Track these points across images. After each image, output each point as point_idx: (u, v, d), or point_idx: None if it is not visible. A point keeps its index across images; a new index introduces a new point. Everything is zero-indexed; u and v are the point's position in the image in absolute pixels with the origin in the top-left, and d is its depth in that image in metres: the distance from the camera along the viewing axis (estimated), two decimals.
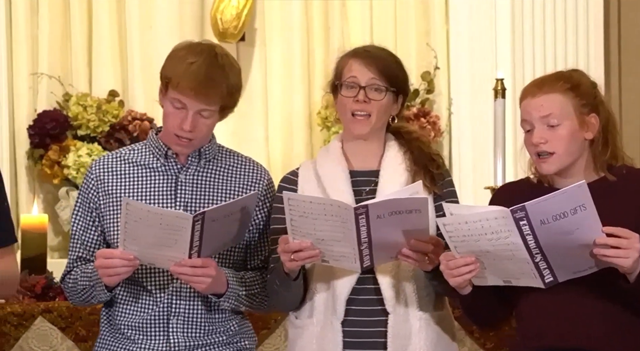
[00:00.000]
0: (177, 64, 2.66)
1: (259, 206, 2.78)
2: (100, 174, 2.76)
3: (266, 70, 5.01)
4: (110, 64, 4.86)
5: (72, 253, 2.79)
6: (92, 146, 4.70)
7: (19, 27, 4.77)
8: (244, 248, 2.78)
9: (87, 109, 4.73)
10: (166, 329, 2.72)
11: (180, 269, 2.58)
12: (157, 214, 2.54)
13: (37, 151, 4.71)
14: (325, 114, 4.91)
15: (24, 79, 4.78)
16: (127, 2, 4.86)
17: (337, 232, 2.53)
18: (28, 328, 3.84)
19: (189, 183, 2.75)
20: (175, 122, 2.68)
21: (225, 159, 2.80)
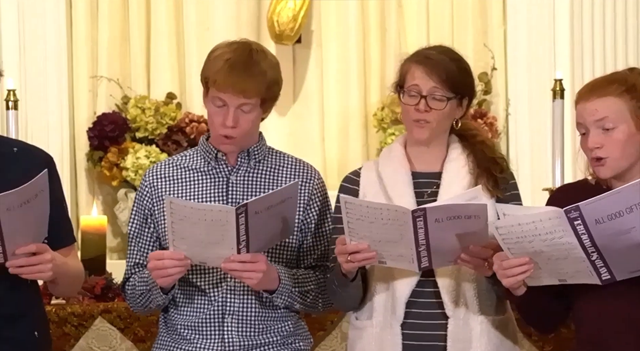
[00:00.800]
0: (214, 63, 2.71)
1: (310, 205, 2.80)
2: (153, 180, 2.81)
3: (322, 71, 5.02)
4: (168, 66, 4.91)
5: (129, 260, 2.84)
6: (150, 148, 4.75)
7: (79, 31, 4.83)
8: (296, 248, 2.80)
9: (145, 111, 4.78)
10: (221, 328, 2.75)
11: (230, 265, 2.60)
12: (200, 210, 2.56)
13: (96, 153, 4.77)
14: (382, 116, 4.92)
15: (84, 82, 4.84)
16: (184, 5, 4.90)
17: (394, 234, 2.54)
18: (88, 329, 3.89)
19: (240, 183, 2.78)
20: (219, 121, 2.72)
21: (275, 160, 2.83)
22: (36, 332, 2.77)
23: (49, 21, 4.68)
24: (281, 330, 2.79)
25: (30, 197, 2.58)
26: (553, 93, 4.29)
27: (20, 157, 2.72)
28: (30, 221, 2.60)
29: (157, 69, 4.90)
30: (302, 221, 2.79)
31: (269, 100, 2.75)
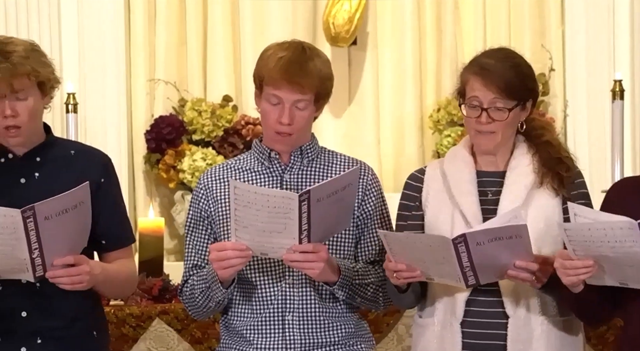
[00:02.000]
0: (267, 61, 2.74)
1: (365, 200, 2.82)
2: (208, 183, 2.84)
3: (378, 73, 5.04)
4: (224, 69, 4.95)
5: (187, 262, 2.87)
6: (206, 151, 4.79)
7: (137, 35, 4.89)
8: (353, 243, 2.82)
9: (201, 114, 4.82)
10: (282, 326, 2.77)
11: (292, 256, 2.62)
12: (265, 195, 2.58)
13: (153, 156, 4.82)
14: (437, 117, 4.92)
15: (142, 85, 4.89)
16: (241, 9, 4.94)
17: (439, 257, 2.58)
18: (146, 330, 3.94)
19: (294, 181, 2.81)
20: (274, 118, 2.75)
21: (328, 158, 2.86)
22: (95, 332, 2.83)
23: (107, 26, 4.74)
24: (342, 330, 2.80)
25: (68, 207, 2.62)
26: (612, 94, 4.26)
27: (77, 160, 2.79)
28: (68, 232, 2.65)
29: (213, 72, 4.94)
30: (358, 217, 2.81)
31: (323, 97, 2.78)
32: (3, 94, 2.71)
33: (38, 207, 2.56)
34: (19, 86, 2.71)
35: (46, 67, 2.76)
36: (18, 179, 2.77)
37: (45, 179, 2.74)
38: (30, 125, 2.76)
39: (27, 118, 2.74)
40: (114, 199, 2.85)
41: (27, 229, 2.56)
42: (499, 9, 4.97)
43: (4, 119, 2.73)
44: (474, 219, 2.70)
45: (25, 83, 2.72)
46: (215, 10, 4.92)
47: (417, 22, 5.00)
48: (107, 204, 2.81)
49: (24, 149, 2.80)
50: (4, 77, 2.67)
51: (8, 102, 2.72)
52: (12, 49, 2.70)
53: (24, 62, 2.69)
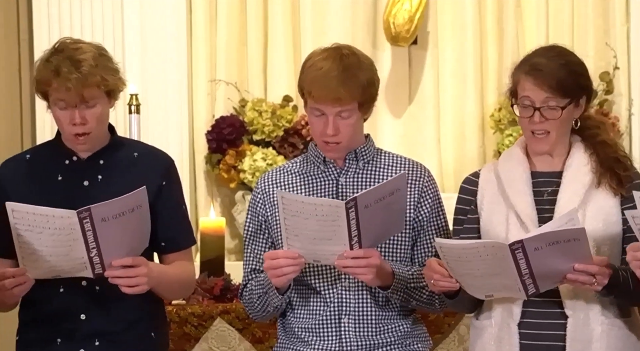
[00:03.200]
0: (307, 74, 2.77)
1: (421, 202, 2.83)
2: (265, 187, 2.88)
3: (438, 73, 5.02)
4: (284, 69, 4.96)
5: (246, 267, 2.91)
6: (266, 151, 4.81)
7: (198, 36, 4.91)
8: (409, 246, 2.84)
9: (262, 114, 4.83)
10: (338, 329, 2.80)
11: (344, 262, 2.65)
12: (312, 204, 2.61)
13: (214, 156, 4.84)
14: (499, 117, 4.90)
15: (203, 85, 4.91)
16: (301, 9, 4.95)
17: (496, 268, 2.57)
18: (208, 329, 3.99)
19: (350, 185, 2.83)
20: (319, 130, 2.77)
21: (384, 160, 2.87)
22: (153, 333, 2.87)
23: (169, 27, 4.76)
24: (398, 330, 2.82)
25: (125, 210, 2.65)
26: None
27: (140, 162, 2.83)
28: (127, 234, 2.68)
29: (273, 72, 4.95)
30: (414, 219, 2.83)
31: (367, 102, 2.79)
32: (73, 103, 2.76)
33: (94, 209, 2.60)
34: (89, 95, 2.76)
35: (114, 73, 2.80)
36: (82, 181, 2.83)
37: (108, 181, 2.78)
38: (98, 131, 2.81)
39: (95, 125, 2.79)
40: (175, 202, 2.89)
41: (84, 230, 2.60)
42: (561, 7, 4.93)
43: (72, 127, 2.78)
44: (529, 220, 2.70)
45: (94, 93, 2.76)
46: (275, 10, 4.94)
47: (478, 20, 4.97)
48: (168, 206, 2.85)
49: (88, 152, 2.85)
50: (75, 88, 2.72)
51: (78, 111, 2.76)
52: (81, 57, 2.73)
53: (94, 72, 2.73)
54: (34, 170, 2.84)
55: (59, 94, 2.75)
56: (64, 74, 2.71)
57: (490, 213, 2.75)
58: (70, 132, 2.79)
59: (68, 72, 2.70)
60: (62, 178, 2.83)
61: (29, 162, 2.88)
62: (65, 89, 2.72)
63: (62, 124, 2.80)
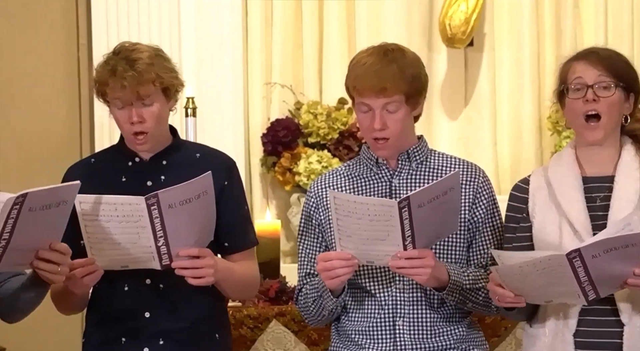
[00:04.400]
0: (353, 71, 2.80)
1: (476, 203, 2.83)
2: (318, 190, 2.89)
3: (495, 75, 5.02)
4: (339, 72, 4.96)
5: (301, 271, 2.93)
6: (321, 153, 4.83)
7: (254, 39, 4.95)
8: (464, 247, 2.84)
9: (317, 117, 4.86)
10: (393, 332, 2.80)
11: (398, 262, 2.65)
12: (364, 204, 2.61)
13: (270, 159, 4.88)
14: (556, 118, 4.89)
15: (258, 88, 4.96)
16: (356, 11, 4.97)
17: (553, 278, 2.56)
18: (263, 331, 4.03)
19: (403, 186, 2.83)
20: (367, 126, 2.78)
21: (437, 160, 2.87)
22: (217, 334, 2.91)
23: (225, 30, 4.79)
24: (454, 334, 2.83)
25: (191, 196, 2.67)
26: None
27: (202, 163, 2.87)
28: (193, 223, 2.71)
29: (329, 74, 4.98)
30: (469, 220, 2.83)
31: (414, 96, 2.79)
32: (130, 101, 2.81)
33: (162, 194, 2.63)
34: (145, 92, 2.80)
35: (170, 72, 2.85)
36: (145, 182, 2.88)
37: (171, 182, 2.80)
38: (156, 130, 2.85)
39: (153, 124, 2.83)
40: (237, 202, 2.93)
41: (152, 217, 2.64)
42: (620, 8, 4.90)
43: (131, 126, 2.83)
44: (582, 227, 2.68)
45: (150, 90, 2.81)
46: (330, 13, 4.98)
47: (535, 21, 4.97)
48: (230, 206, 2.89)
49: (151, 153, 2.90)
50: (131, 86, 2.77)
51: (135, 110, 2.81)
52: (137, 56, 2.79)
53: (149, 69, 2.78)
54: (98, 173, 2.91)
55: (115, 92, 2.80)
56: (120, 73, 2.77)
57: (542, 221, 2.73)
58: (129, 131, 2.84)
59: (123, 70, 2.77)
60: (125, 179, 2.89)
61: (93, 166, 2.95)
62: (121, 86, 2.78)
63: (121, 124, 2.85)
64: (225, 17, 4.81)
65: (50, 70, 4.69)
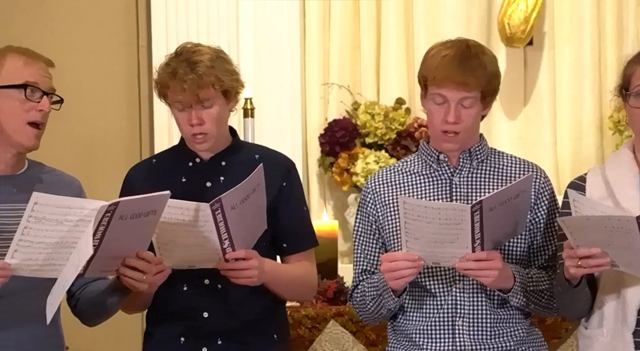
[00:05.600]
0: (431, 61, 2.79)
1: (537, 204, 2.84)
2: (375, 187, 2.91)
3: (555, 74, 5.00)
4: (397, 72, 4.98)
5: (357, 267, 2.95)
6: (379, 154, 4.84)
7: (311, 39, 4.98)
8: (525, 248, 2.85)
9: (374, 117, 4.87)
10: (452, 331, 2.81)
11: (466, 264, 2.66)
12: (435, 209, 2.63)
13: (327, 159, 4.90)
14: (618, 118, 4.86)
15: (316, 89, 4.98)
16: (414, 11, 4.98)
17: (623, 241, 2.54)
18: (321, 331, 4.06)
19: (463, 184, 2.85)
20: (439, 118, 2.78)
21: (498, 160, 2.88)
22: (275, 335, 2.94)
23: (283, 31, 4.83)
24: (514, 335, 2.83)
25: (249, 192, 2.72)
26: None
27: (261, 163, 2.87)
28: (251, 215, 2.75)
29: (386, 75, 4.99)
30: (530, 221, 2.83)
31: (489, 94, 2.81)
32: (189, 104, 2.84)
33: (224, 199, 2.68)
34: (204, 96, 2.83)
35: (230, 74, 2.87)
36: (204, 182, 2.92)
37: (230, 182, 2.83)
38: (216, 131, 2.89)
39: (212, 125, 2.87)
40: (296, 203, 2.96)
41: (217, 221, 2.68)
42: None
43: (190, 128, 2.86)
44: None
45: (210, 93, 2.84)
46: (388, 13, 4.98)
47: (596, 20, 4.94)
48: (289, 207, 2.92)
49: (210, 154, 2.94)
50: (190, 89, 2.81)
51: (194, 112, 2.85)
52: (198, 59, 2.82)
53: (209, 72, 2.81)
54: (159, 173, 2.95)
55: (175, 95, 2.84)
56: (180, 76, 2.80)
57: None
58: (188, 133, 2.88)
59: (184, 73, 2.80)
60: (185, 179, 2.94)
61: (155, 166, 3.00)
62: (181, 89, 2.81)
63: (181, 126, 2.90)
64: (283, 17, 4.84)
65: (111, 72, 4.76)
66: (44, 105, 2.80)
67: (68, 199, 2.58)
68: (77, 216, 2.54)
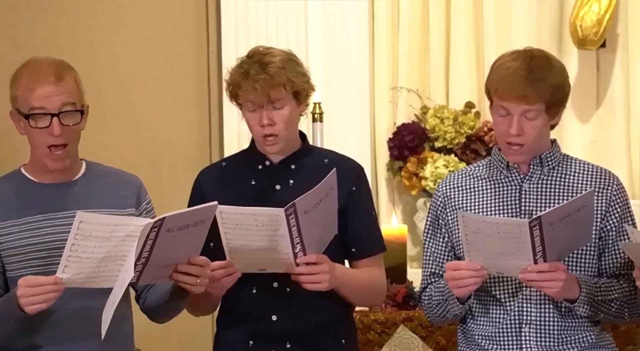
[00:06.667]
0: (496, 73, 2.81)
1: (609, 212, 2.83)
2: (446, 191, 2.92)
3: (629, 76, 4.97)
4: (466, 75, 4.99)
5: (425, 270, 2.97)
6: (448, 158, 4.85)
7: (380, 43, 5.00)
8: (595, 256, 2.84)
9: (444, 121, 4.88)
10: (519, 338, 2.81)
11: (528, 275, 2.67)
12: (493, 224, 2.65)
13: (396, 163, 4.92)
14: None
15: (385, 93, 5.00)
16: (484, 14, 4.98)
17: None
18: (391, 336, 4.07)
19: (533, 191, 2.84)
20: (503, 130, 2.79)
21: (570, 166, 2.88)
22: (343, 340, 2.96)
23: (351, 35, 4.86)
24: (582, 341, 2.83)
25: (322, 197, 2.74)
26: None
27: (330, 167, 2.88)
28: (323, 220, 2.78)
29: (455, 78, 5.00)
30: (601, 229, 2.82)
31: (555, 105, 2.81)
32: (261, 104, 2.88)
33: (298, 203, 2.71)
34: (276, 96, 2.87)
35: (301, 76, 2.91)
36: (274, 185, 2.94)
37: (299, 186, 2.86)
38: (286, 133, 2.92)
39: (283, 126, 2.90)
40: (365, 208, 2.97)
41: (290, 225, 2.71)
42: None
43: (261, 128, 2.90)
44: None
45: (281, 93, 2.87)
46: (458, 16, 4.99)
47: None
48: (357, 212, 2.94)
49: (280, 157, 2.97)
50: (262, 88, 2.84)
51: (265, 112, 2.89)
52: (269, 60, 2.86)
53: (280, 73, 2.85)
54: (229, 176, 2.99)
55: (247, 95, 2.88)
56: (252, 76, 2.84)
57: None
58: (259, 134, 2.91)
59: (256, 73, 2.84)
60: (255, 182, 2.97)
61: (224, 169, 3.03)
62: (252, 89, 2.85)
63: (251, 126, 2.93)
64: (351, 21, 4.87)
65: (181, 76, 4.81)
66: (53, 129, 2.80)
67: (112, 218, 2.64)
68: (123, 232, 2.60)
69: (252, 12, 4.80)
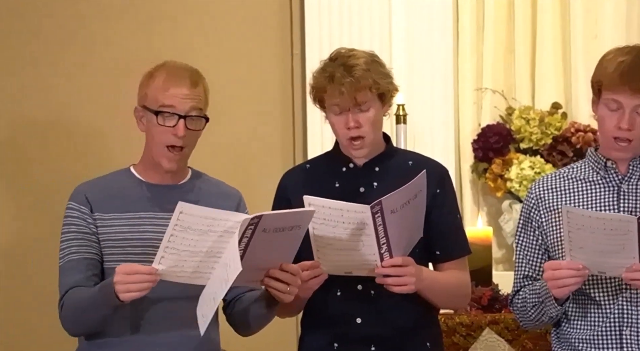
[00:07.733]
0: (607, 66, 2.79)
1: None
2: (540, 192, 2.91)
3: None
4: (553, 76, 4.94)
5: (518, 272, 2.96)
6: (534, 159, 4.81)
7: (465, 44, 4.98)
8: None
9: (529, 122, 4.84)
10: (619, 341, 2.81)
11: (633, 274, 2.65)
12: (600, 219, 2.63)
13: (481, 165, 4.89)
14: None
15: (469, 94, 4.98)
16: (571, 14, 4.93)
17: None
18: (476, 339, 4.06)
19: (632, 192, 2.84)
20: (612, 124, 2.78)
21: None
22: (429, 343, 2.97)
23: (436, 36, 4.84)
24: None
25: (410, 198, 2.75)
26: None
27: (414, 171, 2.90)
28: (409, 222, 2.78)
29: (541, 79, 4.95)
30: None
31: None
32: (347, 107, 2.91)
33: (385, 201, 2.72)
34: (362, 99, 2.89)
35: (385, 77, 2.93)
36: (357, 187, 2.97)
37: (383, 189, 2.87)
38: (372, 135, 2.94)
39: (369, 128, 2.92)
40: (449, 210, 2.98)
41: (376, 224, 2.72)
42: None
43: (347, 131, 2.92)
44: None
45: (367, 96, 2.90)
46: (544, 16, 4.95)
47: None
48: (441, 215, 2.95)
49: (364, 159, 2.99)
50: (348, 92, 2.87)
51: (351, 115, 2.91)
52: (354, 62, 2.88)
53: (366, 75, 2.87)
54: (313, 178, 3.02)
55: (333, 99, 2.90)
56: (338, 79, 2.87)
57: None
58: (345, 137, 2.93)
59: (341, 76, 2.86)
60: (339, 184, 2.99)
61: (308, 171, 3.06)
62: (339, 93, 2.87)
63: (337, 130, 2.96)
64: (436, 22, 4.85)
65: (265, 79, 4.86)
66: (178, 130, 2.88)
67: (212, 211, 2.67)
68: (221, 227, 2.64)
69: (336, 14, 4.81)
